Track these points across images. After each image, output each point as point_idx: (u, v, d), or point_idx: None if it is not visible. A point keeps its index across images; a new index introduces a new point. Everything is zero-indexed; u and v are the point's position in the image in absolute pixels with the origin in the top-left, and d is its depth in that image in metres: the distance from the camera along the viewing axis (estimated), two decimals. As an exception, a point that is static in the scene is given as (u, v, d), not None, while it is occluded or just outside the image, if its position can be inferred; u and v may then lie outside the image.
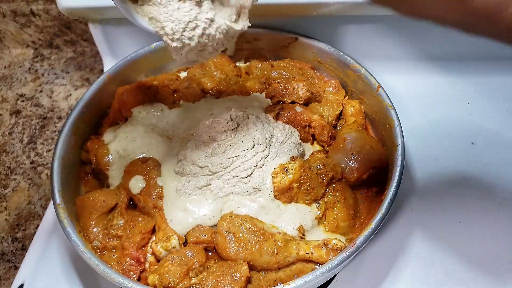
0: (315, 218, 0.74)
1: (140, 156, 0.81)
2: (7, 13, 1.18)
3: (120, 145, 0.82)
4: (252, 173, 0.75)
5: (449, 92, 1.02)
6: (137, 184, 0.77)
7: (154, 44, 0.95)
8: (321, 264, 0.69)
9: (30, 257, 0.84)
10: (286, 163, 0.75)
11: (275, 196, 0.74)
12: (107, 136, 0.86)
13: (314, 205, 0.75)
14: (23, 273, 0.82)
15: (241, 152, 0.75)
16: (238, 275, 0.66)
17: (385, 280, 0.77)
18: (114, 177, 0.81)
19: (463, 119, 0.97)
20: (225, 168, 0.74)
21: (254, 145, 0.76)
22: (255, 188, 0.74)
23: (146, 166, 0.79)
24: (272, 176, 0.74)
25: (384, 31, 0.98)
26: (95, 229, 0.75)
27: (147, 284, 0.67)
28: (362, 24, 0.97)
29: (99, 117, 0.91)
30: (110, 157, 0.81)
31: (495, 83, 1.02)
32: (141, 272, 0.72)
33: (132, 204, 0.79)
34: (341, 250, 0.69)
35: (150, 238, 0.74)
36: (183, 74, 0.98)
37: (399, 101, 0.99)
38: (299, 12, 0.93)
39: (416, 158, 0.91)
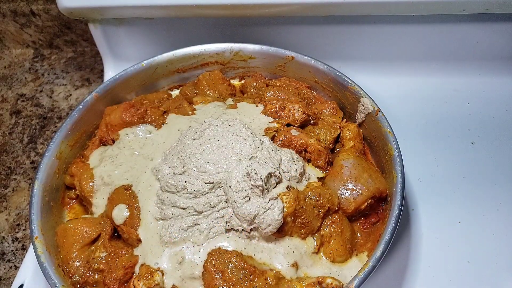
0: (311, 253, 0.70)
1: (125, 183, 0.76)
2: (7, 13, 1.19)
3: (105, 170, 0.78)
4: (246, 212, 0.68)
5: (449, 92, 1.02)
6: (120, 213, 0.72)
7: (145, 62, 0.92)
8: None
9: (30, 257, 0.84)
10: (279, 194, 0.69)
11: None
12: (93, 160, 0.82)
13: (309, 239, 0.71)
14: (23, 273, 0.82)
15: (234, 193, 0.69)
16: None
17: (385, 280, 0.77)
18: (98, 205, 0.77)
19: (463, 119, 0.97)
20: (213, 207, 0.69)
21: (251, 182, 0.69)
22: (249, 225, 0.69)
23: (130, 194, 0.74)
24: None
25: (384, 31, 0.98)
26: (76, 262, 0.71)
27: None
28: (362, 24, 0.97)
29: (86, 138, 0.88)
30: (95, 183, 0.78)
31: (495, 83, 1.02)
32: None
33: (117, 234, 0.75)
34: None
35: (133, 273, 0.69)
36: (175, 92, 0.96)
37: (399, 102, 0.99)
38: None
39: (416, 158, 0.91)
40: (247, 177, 0.68)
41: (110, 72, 1.06)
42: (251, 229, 0.68)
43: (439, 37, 0.98)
